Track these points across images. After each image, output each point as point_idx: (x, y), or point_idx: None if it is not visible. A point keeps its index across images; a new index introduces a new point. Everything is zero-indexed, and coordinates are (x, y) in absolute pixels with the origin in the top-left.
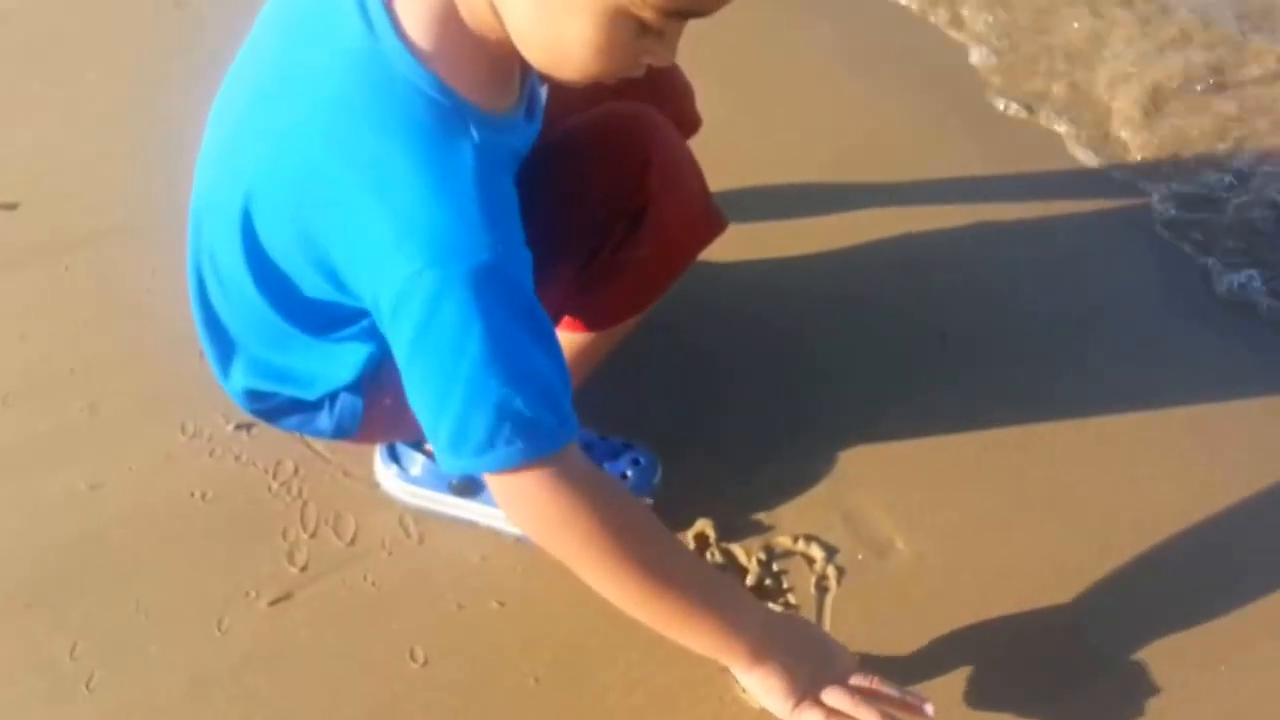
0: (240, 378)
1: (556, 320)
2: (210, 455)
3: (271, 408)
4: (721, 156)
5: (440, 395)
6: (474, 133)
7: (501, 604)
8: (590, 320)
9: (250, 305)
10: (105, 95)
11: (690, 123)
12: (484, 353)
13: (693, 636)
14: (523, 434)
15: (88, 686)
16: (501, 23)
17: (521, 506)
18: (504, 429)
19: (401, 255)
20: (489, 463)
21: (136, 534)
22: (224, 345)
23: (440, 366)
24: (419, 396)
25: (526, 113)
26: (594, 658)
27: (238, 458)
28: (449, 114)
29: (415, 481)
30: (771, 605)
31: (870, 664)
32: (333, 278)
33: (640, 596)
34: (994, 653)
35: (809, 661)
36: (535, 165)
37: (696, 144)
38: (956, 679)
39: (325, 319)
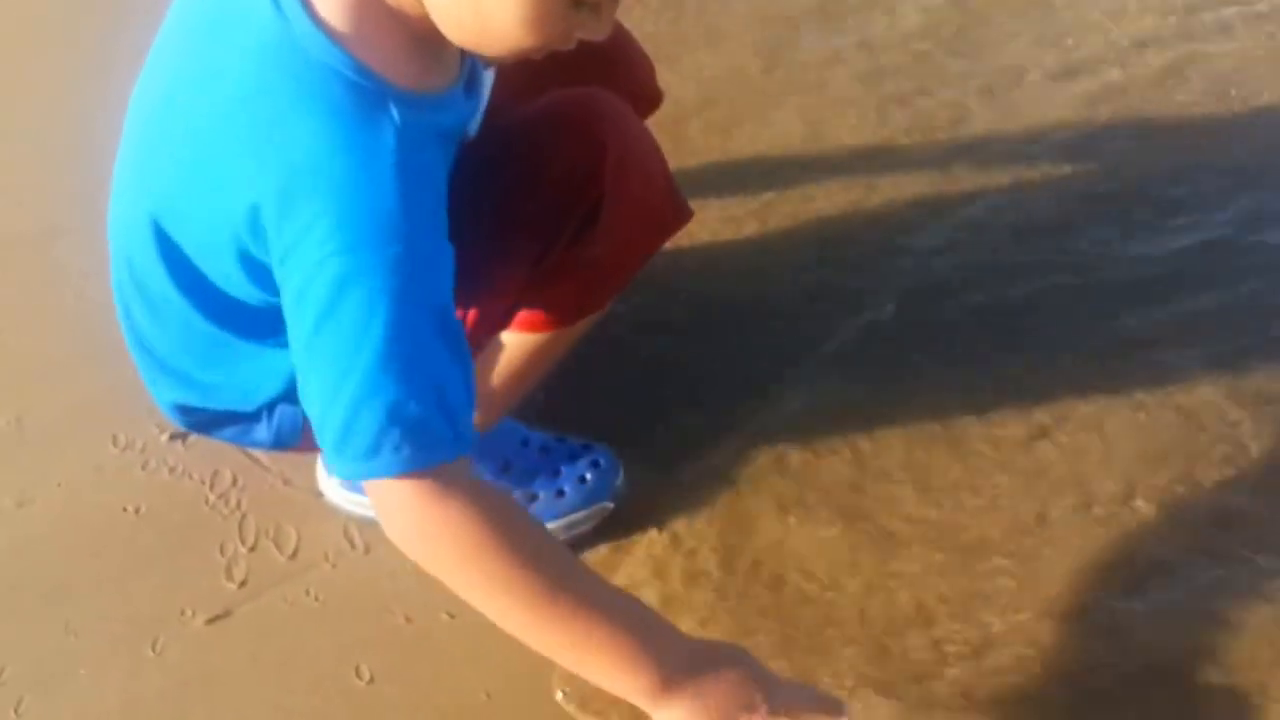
0: (169, 392)
1: (510, 319)
2: (143, 468)
3: (205, 420)
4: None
5: (333, 389)
6: (394, 112)
7: (452, 616)
8: (547, 319)
9: (179, 315)
10: (38, 91)
11: (650, 98)
12: (383, 347)
13: (591, 665)
14: (412, 440)
15: (16, 712)
16: None
17: (402, 519)
18: (393, 433)
19: (312, 240)
20: (375, 469)
21: (66, 552)
22: (151, 359)
23: (336, 358)
24: (310, 388)
25: (466, 88)
26: (549, 673)
27: (172, 469)
28: (369, 95)
29: (357, 488)
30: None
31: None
32: (258, 273)
33: (531, 618)
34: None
35: (727, 701)
36: (485, 155)
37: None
38: None
39: (264, 323)
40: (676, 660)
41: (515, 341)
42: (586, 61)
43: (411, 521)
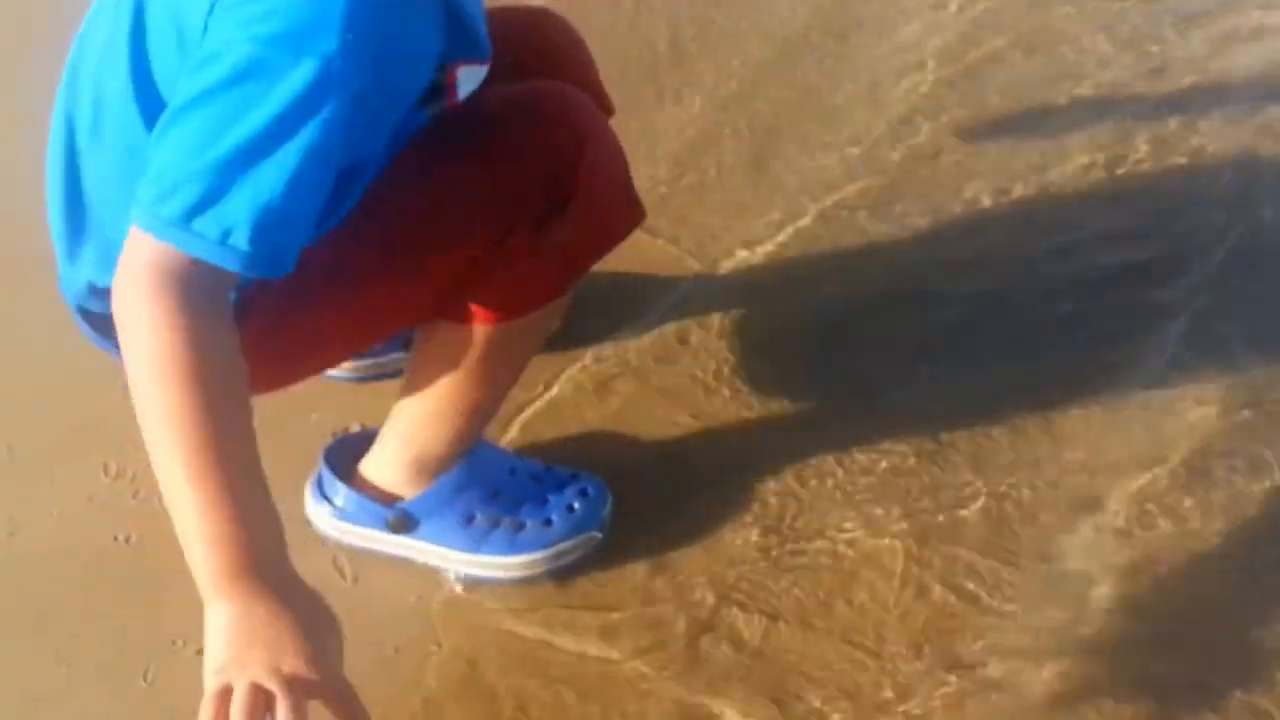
0: (88, 265)
1: (456, 298)
2: (134, 496)
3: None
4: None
5: (189, 149)
6: None
7: (440, 646)
8: (501, 305)
9: (129, 150)
10: (39, 96)
11: (604, 109)
12: (259, 133)
13: (185, 521)
14: (222, 232)
15: None
16: None
17: (134, 279)
18: (207, 211)
19: (240, 14)
20: (174, 238)
21: (57, 581)
22: (78, 220)
23: (209, 127)
24: (164, 140)
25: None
26: (543, 704)
27: (162, 498)
28: None
29: (346, 518)
30: None
31: None
32: None
33: (158, 435)
34: None
35: (258, 640)
36: (454, 135)
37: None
38: None
39: None
40: (259, 569)
41: (468, 339)
42: (547, 70)
43: (138, 285)
